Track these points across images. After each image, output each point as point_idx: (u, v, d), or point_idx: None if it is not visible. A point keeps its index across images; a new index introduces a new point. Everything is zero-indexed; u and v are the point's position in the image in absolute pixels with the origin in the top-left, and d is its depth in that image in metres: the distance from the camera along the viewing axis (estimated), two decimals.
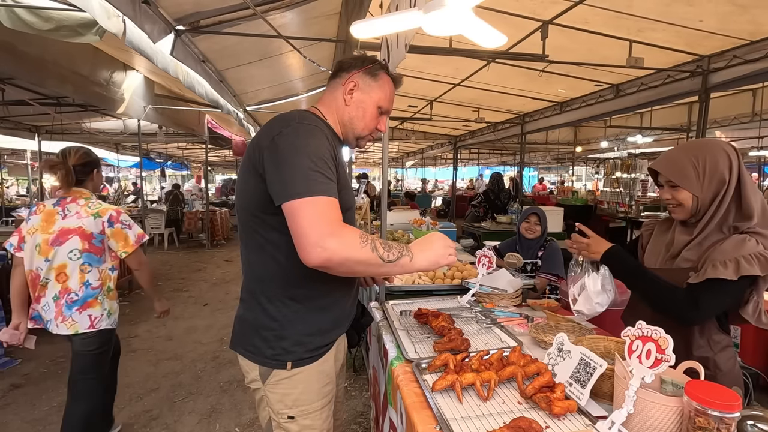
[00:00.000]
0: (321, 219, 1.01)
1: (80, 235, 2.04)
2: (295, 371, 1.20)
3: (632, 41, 3.57)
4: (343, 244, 1.00)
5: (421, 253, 1.12)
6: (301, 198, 1.02)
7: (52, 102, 5.36)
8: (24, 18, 2.54)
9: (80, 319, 2.06)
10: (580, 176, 19.91)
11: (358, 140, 1.32)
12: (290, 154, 1.06)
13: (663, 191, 1.37)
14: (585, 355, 1.15)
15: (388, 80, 1.30)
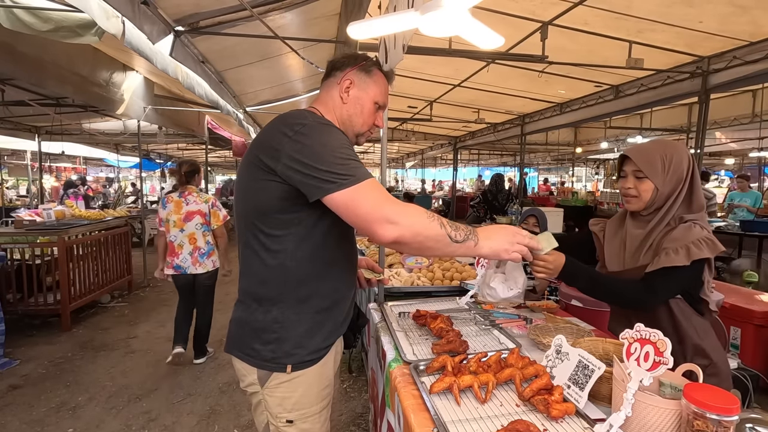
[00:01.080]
0: (382, 199, 1.03)
1: (199, 214, 3.39)
2: (295, 374, 1.19)
3: (632, 42, 3.56)
4: (413, 219, 1.03)
5: (486, 240, 1.12)
6: (352, 185, 1.02)
7: (52, 103, 5.36)
8: (23, 19, 2.54)
9: (207, 263, 3.41)
10: (580, 177, 19.90)
11: (357, 137, 1.31)
12: (321, 149, 1.06)
13: (625, 181, 1.43)
14: (583, 357, 1.15)
15: (381, 75, 1.30)
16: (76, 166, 15.51)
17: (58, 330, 4.23)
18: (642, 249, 1.40)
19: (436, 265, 2.57)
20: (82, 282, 4.54)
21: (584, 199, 10.24)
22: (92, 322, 4.55)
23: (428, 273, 2.47)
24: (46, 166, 10.96)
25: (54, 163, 13.89)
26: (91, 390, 3.11)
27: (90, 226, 4.92)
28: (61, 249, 4.24)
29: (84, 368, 3.46)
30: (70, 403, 2.94)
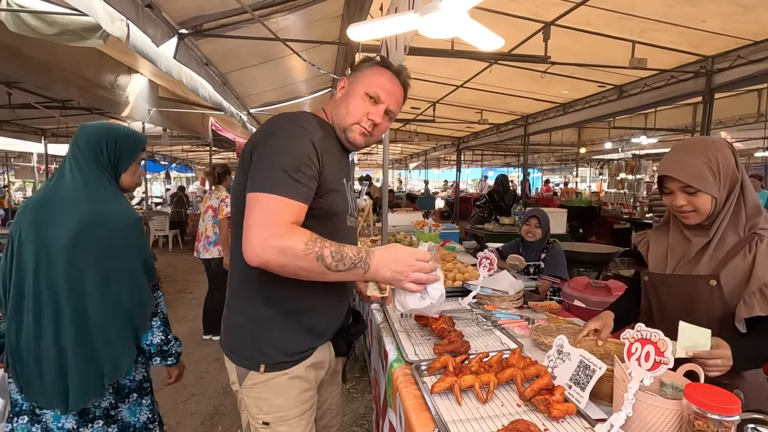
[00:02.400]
0: (269, 218, 1.01)
1: (212, 209, 4.02)
2: (269, 375, 1.18)
3: (635, 42, 3.56)
4: (283, 250, 0.99)
5: (380, 267, 1.06)
6: (261, 192, 1.03)
7: (58, 105, 5.41)
8: (29, 22, 2.57)
9: (213, 251, 4.00)
10: (584, 177, 19.84)
11: (345, 133, 1.23)
12: (269, 152, 1.08)
13: (674, 198, 1.26)
14: (584, 357, 1.15)
15: (379, 69, 1.24)
16: None
17: None
18: (701, 257, 1.27)
19: (439, 266, 2.57)
20: None
21: (588, 200, 10.20)
22: None
23: None
24: (53, 168, 11.06)
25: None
26: None
27: None
28: None
29: None
30: None
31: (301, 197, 1.06)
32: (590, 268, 4.67)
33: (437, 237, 3.72)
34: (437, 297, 1.14)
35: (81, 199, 1.35)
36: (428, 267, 1.11)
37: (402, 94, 1.27)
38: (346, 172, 1.29)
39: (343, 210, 1.25)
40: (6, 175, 13.49)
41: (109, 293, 1.36)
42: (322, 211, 1.16)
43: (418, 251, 1.12)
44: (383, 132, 1.31)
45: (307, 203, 1.09)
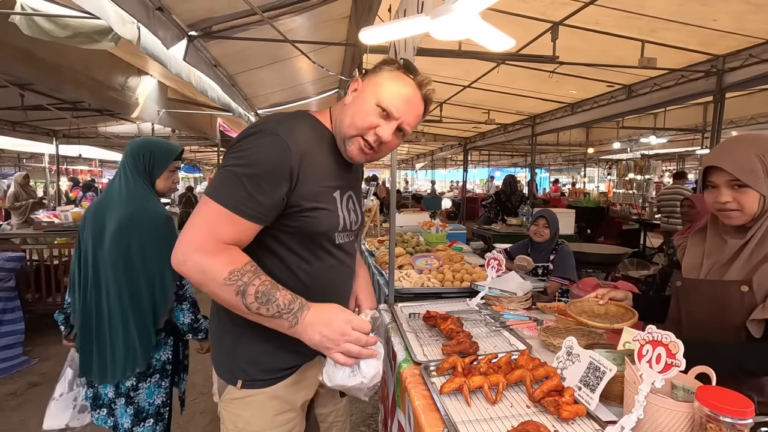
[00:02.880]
0: (205, 228, 0.93)
1: None
2: (246, 392, 1.10)
3: (644, 41, 3.53)
4: (203, 269, 0.91)
5: (309, 327, 0.94)
6: (210, 198, 0.95)
7: (69, 107, 5.49)
8: (42, 26, 2.61)
9: None
10: (592, 178, 19.69)
11: (344, 144, 1.09)
12: (236, 157, 0.97)
13: (718, 194, 1.16)
14: (594, 359, 1.14)
15: (402, 77, 1.07)
16: (92, 168, 15.83)
17: None
18: (734, 260, 1.18)
19: (446, 267, 2.57)
20: None
21: (596, 200, 10.12)
22: None
23: (438, 274, 2.47)
24: (63, 169, 11.21)
25: (71, 166, 14.19)
26: None
27: None
28: None
29: None
30: None
31: (252, 216, 0.95)
32: (599, 269, 4.65)
33: (444, 237, 3.72)
34: (370, 376, 0.97)
35: (123, 200, 1.63)
36: (364, 339, 0.96)
37: (422, 110, 1.11)
38: (345, 184, 1.16)
39: (331, 228, 1.10)
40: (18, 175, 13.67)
41: (139, 278, 1.59)
42: (300, 230, 1.05)
43: (357, 320, 0.98)
44: (390, 150, 1.13)
45: (261, 223, 0.98)
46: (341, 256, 1.16)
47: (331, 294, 1.12)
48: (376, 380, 1.00)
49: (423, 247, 3.33)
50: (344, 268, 1.20)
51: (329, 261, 1.13)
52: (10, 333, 3.44)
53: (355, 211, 1.21)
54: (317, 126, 1.12)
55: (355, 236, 1.25)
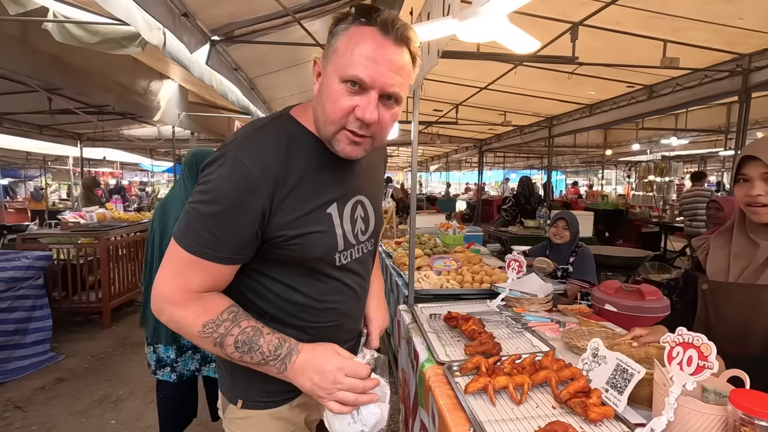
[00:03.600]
0: (171, 278, 0.86)
1: None
2: (246, 413, 1.01)
3: (667, 41, 3.47)
4: (176, 321, 0.86)
5: (298, 373, 0.86)
6: (176, 241, 0.85)
7: (95, 111, 5.65)
8: (73, 32, 2.71)
9: None
10: (609, 180, 19.37)
11: (332, 145, 0.89)
12: (199, 190, 0.85)
13: (750, 187, 1.13)
14: (621, 361, 1.13)
15: (359, 31, 0.82)
16: (113, 170, 16.23)
17: (99, 327, 4.44)
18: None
19: (465, 268, 2.57)
20: (120, 281, 4.75)
21: (615, 203, 9.95)
22: (129, 320, 4.75)
23: (457, 276, 2.47)
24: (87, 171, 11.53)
25: (93, 168, 14.58)
26: (131, 384, 3.25)
27: (128, 228, 5.15)
28: (102, 250, 4.46)
29: (123, 364, 3.62)
30: (111, 396, 3.09)
31: (221, 258, 0.85)
32: (618, 273, 4.57)
33: (462, 239, 3.71)
34: (372, 423, 0.88)
35: (181, 199, 2.04)
36: (360, 386, 0.85)
37: (402, 59, 0.84)
38: (346, 191, 0.99)
39: (327, 252, 0.95)
40: (43, 177, 14.11)
41: None
42: (290, 259, 0.92)
43: (351, 365, 0.86)
44: (389, 126, 0.89)
45: (235, 263, 0.88)
46: (345, 278, 1.01)
47: (339, 319, 1.02)
48: (380, 427, 0.90)
49: (440, 248, 3.33)
50: (349, 291, 1.04)
51: (331, 285, 0.99)
52: (39, 330, 3.55)
53: (366, 218, 1.04)
54: (294, 132, 0.92)
55: (373, 245, 1.11)
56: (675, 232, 7.38)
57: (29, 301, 3.47)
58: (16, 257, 3.43)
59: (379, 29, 0.81)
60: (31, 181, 16.08)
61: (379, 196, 1.13)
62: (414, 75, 0.90)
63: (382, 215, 1.13)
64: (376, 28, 0.81)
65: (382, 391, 0.92)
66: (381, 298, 1.27)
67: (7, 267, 3.27)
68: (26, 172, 15.67)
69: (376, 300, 1.23)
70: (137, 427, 2.71)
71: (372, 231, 1.08)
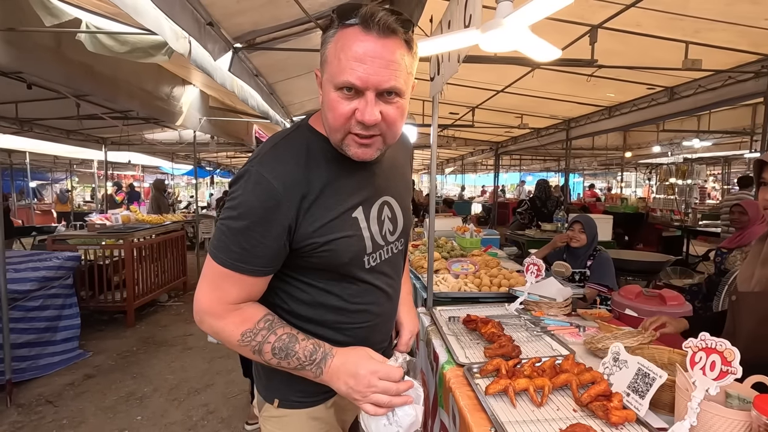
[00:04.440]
0: (210, 292, 0.90)
1: None
2: (283, 412, 1.04)
3: (689, 42, 3.42)
4: (216, 332, 0.91)
5: (334, 377, 0.89)
6: (209, 256, 0.91)
7: (120, 116, 5.84)
8: (104, 42, 2.83)
9: None
10: (628, 182, 19.01)
11: (344, 151, 0.91)
12: (228, 207, 0.89)
13: (766, 191, 1.15)
14: (643, 365, 1.14)
15: (338, 37, 0.83)
16: (135, 173, 16.66)
17: (123, 326, 4.58)
18: None
19: (483, 272, 2.58)
20: (144, 281, 4.89)
21: (635, 206, 9.77)
22: (153, 319, 4.88)
23: (475, 279, 2.49)
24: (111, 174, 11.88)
25: (116, 171, 14.99)
26: (155, 382, 3.34)
27: (151, 229, 5.30)
28: (127, 251, 4.60)
29: (148, 362, 3.73)
30: (137, 393, 3.19)
31: (253, 270, 0.89)
32: (639, 277, 4.50)
33: (479, 243, 3.71)
34: (407, 425, 0.90)
35: None
36: (394, 388, 0.88)
37: (391, 51, 0.82)
38: (371, 193, 1.00)
39: (356, 256, 0.97)
40: (69, 180, 14.57)
41: None
42: (321, 266, 0.95)
43: (384, 369, 0.89)
44: (397, 120, 0.88)
45: (266, 274, 0.92)
46: (376, 280, 1.03)
47: (372, 320, 1.05)
48: (415, 428, 0.93)
49: (458, 251, 3.34)
50: (380, 293, 1.05)
51: (362, 287, 1.01)
52: (68, 327, 3.69)
53: (393, 218, 1.06)
54: (313, 142, 0.94)
55: (403, 245, 1.12)
56: (698, 236, 7.21)
57: (60, 299, 3.61)
58: (47, 257, 3.57)
59: (361, 27, 0.81)
60: (57, 183, 16.63)
61: (406, 195, 1.13)
62: (413, 61, 0.88)
63: (410, 214, 1.14)
64: (359, 26, 0.81)
65: (416, 393, 0.93)
66: (410, 304, 1.30)
67: (39, 267, 3.41)
68: (53, 175, 16.20)
69: (406, 306, 1.26)
70: (162, 424, 2.80)
71: (401, 231, 1.09)
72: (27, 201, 13.15)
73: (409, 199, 1.15)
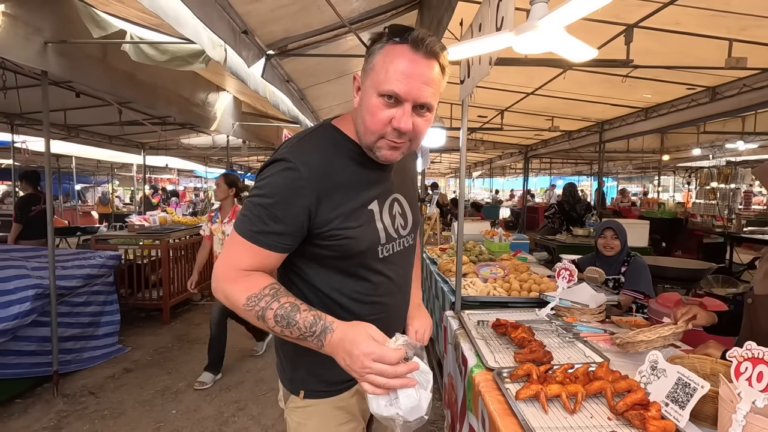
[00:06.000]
0: (229, 259, 0.98)
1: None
2: (308, 402, 1.10)
3: (732, 40, 3.27)
4: (227, 296, 0.95)
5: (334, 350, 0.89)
6: (233, 228, 0.99)
7: (159, 122, 6.10)
8: (146, 52, 2.97)
9: None
10: (666, 187, 18.23)
11: (374, 152, 0.99)
12: (255, 187, 1.00)
13: None
14: (683, 374, 1.10)
15: (392, 49, 0.91)
16: (171, 177, 17.34)
17: (159, 323, 4.77)
18: None
19: (512, 276, 2.54)
20: (179, 281, 5.07)
21: (673, 211, 9.36)
22: (186, 317, 5.05)
23: (504, 284, 2.45)
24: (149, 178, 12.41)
25: (154, 175, 15.65)
26: (189, 378, 3.46)
27: (186, 231, 5.49)
28: (163, 251, 4.79)
29: (182, 358, 3.86)
30: (172, 388, 3.31)
31: (269, 245, 0.96)
32: (677, 285, 4.32)
33: (508, 247, 3.66)
34: (407, 408, 0.84)
35: None
36: (390, 371, 0.83)
37: (432, 72, 0.92)
38: (385, 189, 1.09)
39: (370, 245, 1.04)
40: (110, 183, 15.32)
41: None
42: (337, 252, 1.01)
43: (379, 350, 0.83)
44: (423, 130, 0.98)
45: (281, 251, 0.98)
46: (389, 271, 1.09)
47: (383, 314, 1.09)
48: (417, 414, 0.86)
49: (486, 255, 3.31)
50: (392, 285, 1.12)
51: (375, 279, 1.07)
52: (109, 323, 3.87)
53: (403, 214, 1.13)
54: (336, 139, 1.03)
55: (413, 239, 1.19)
56: (742, 243, 6.84)
57: (102, 296, 3.80)
58: (91, 256, 3.77)
59: (410, 47, 0.90)
60: (99, 186, 17.50)
61: (413, 194, 1.21)
62: (443, 83, 0.98)
63: (418, 211, 1.22)
64: (408, 45, 0.90)
65: (425, 377, 0.89)
66: (421, 306, 1.35)
67: (84, 265, 3.60)
68: (96, 178, 17.07)
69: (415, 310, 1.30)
70: (195, 418, 2.89)
71: (411, 226, 1.17)
72: (72, 203, 13.91)
73: (416, 196, 1.23)
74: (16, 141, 6.03)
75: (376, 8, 3.22)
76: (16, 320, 2.82)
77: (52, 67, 2.80)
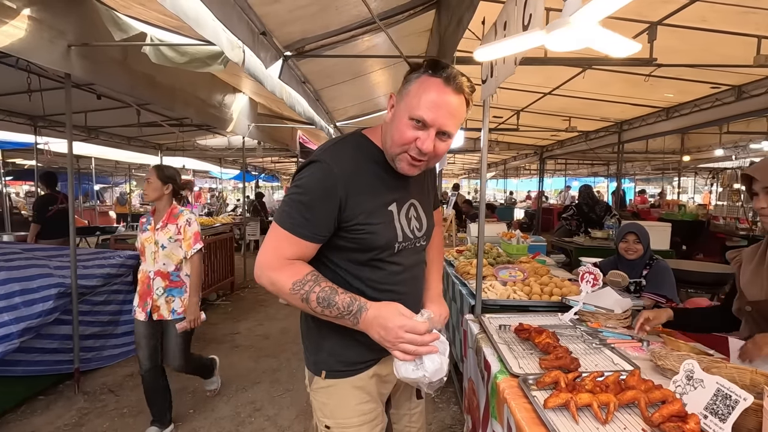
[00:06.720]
0: (272, 249, 1.10)
1: None
2: (330, 382, 1.22)
3: (761, 37, 3.17)
4: (273, 282, 1.08)
5: (369, 326, 1.05)
6: (275, 222, 1.11)
7: (176, 123, 6.18)
8: (166, 54, 3.00)
9: None
10: (685, 188, 17.81)
11: (394, 162, 1.13)
12: (293, 185, 1.14)
13: (758, 200, 1.32)
14: (723, 386, 1.05)
15: (427, 81, 1.05)
16: (188, 178, 17.59)
17: None
18: None
19: (533, 279, 2.50)
20: None
21: (694, 213, 9.13)
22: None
23: (524, 287, 2.41)
24: None
25: None
26: None
27: (203, 231, 5.55)
28: None
29: None
30: (189, 387, 3.33)
31: (308, 236, 1.08)
32: (701, 290, 4.20)
33: (525, 249, 3.60)
34: (432, 370, 1.03)
35: None
36: (419, 340, 1.02)
37: (458, 105, 1.07)
38: (403, 195, 1.21)
39: (389, 241, 1.16)
40: (128, 183, 15.60)
41: None
42: (358, 245, 1.14)
43: (410, 323, 1.02)
44: (442, 153, 1.12)
45: (317, 242, 1.11)
46: (404, 260, 1.22)
47: (401, 297, 1.16)
48: (439, 375, 1.06)
49: (504, 258, 3.26)
50: (406, 274, 1.24)
51: (392, 269, 1.20)
52: (128, 322, 3.92)
53: (418, 218, 1.27)
54: (364, 146, 1.19)
55: (426, 242, 1.31)
56: None
57: (121, 295, 3.85)
58: (111, 256, 3.82)
59: (443, 81, 1.04)
60: (117, 186, 17.84)
61: (427, 201, 1.34)
62: (466, 114, 1.13)
63: (432, 217, 1.35)
64: (441, 80, 1.04)
65: (443, 346, 1.09)
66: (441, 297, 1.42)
67: (104, 264, 3.66)
68: (114, 179, 17.41)
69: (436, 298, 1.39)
70: (212, 418, 2.91)
71: (425, 230, 1.29)
72: (91, 203, 14.20)
73: (430, 204, 1.36)
74: (38, 142, 6.16)
75: (393, 8, 3.20)
76: (39, 318, 2.87)
77: (76, 70, 2.84)
